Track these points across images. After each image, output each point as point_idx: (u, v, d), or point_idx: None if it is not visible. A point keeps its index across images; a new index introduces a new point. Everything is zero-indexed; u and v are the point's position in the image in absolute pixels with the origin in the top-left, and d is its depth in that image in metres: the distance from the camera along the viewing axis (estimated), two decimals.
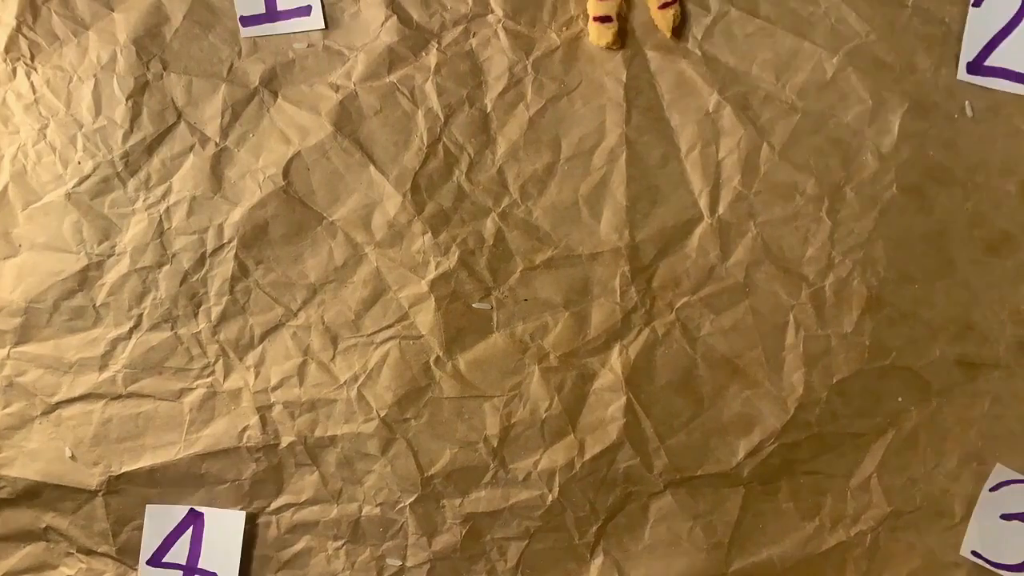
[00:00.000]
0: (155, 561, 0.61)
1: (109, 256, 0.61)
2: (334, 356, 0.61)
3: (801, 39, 0.61)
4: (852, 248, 0.60)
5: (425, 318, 0.61)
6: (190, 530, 0.61)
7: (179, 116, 0.61)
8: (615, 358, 0.61)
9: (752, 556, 0.61)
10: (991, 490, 0.60)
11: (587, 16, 0.61)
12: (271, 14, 0.60)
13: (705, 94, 0.61)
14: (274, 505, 0.61)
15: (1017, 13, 0.59)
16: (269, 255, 0.61)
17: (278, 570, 0.61)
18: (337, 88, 0.61)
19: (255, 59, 0.61)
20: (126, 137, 0.61)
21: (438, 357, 0.61)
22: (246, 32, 0.60)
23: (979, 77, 0.59)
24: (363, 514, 0.61)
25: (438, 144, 0.61)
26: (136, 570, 0.62)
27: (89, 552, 0.62)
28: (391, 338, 0.61)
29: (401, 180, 0.61)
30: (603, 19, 0.59)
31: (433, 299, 0.61)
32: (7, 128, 0.61)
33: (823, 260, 0.60)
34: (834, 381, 0.60)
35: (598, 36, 0.59)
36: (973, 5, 0.59)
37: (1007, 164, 0.60)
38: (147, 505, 0.61)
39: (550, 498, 0.61)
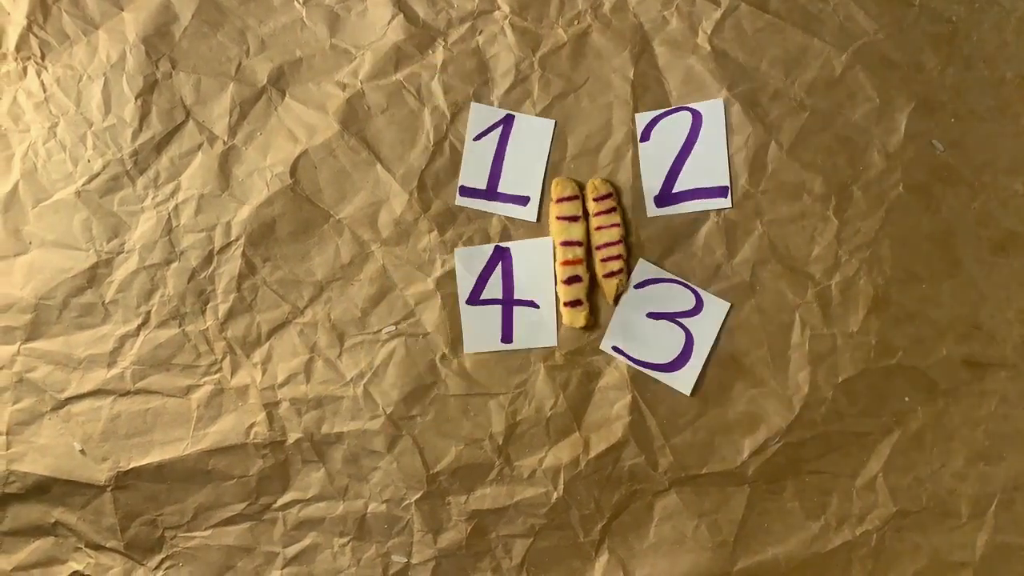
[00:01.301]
0: (473, 299, 0.61)
1: (118, 253, 0.62)
2: (341, 353, 0.62)
3: (810, 36, 0.60)
4: (859, 247, 0.60)
5: (431, 316, 0.61)
6: (499, 266, 0.61)
7: (188, 114, 0.62)
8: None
9: (757, 555, 0.61)
10: (636, 287, 0.61)
11: (595, 12, 0.61)
12: (491, 192, 0.61)
13: (714, 91, 0.61)
14: (280, 501, 0.62)
15: (687, 139, 0.60)
16: (276, 253, 0.62)
17: (284, 566, 0.62)
18: (344, 86, 0.61)
19: (263, 58, 0.62)
20: (135, 135, 0.62)
21: (444, 355, 0.62)
22: (461, 201, 0.61)
23: (669, 207, 0.61)
24: (369, 511, 0.62)
25: (444, 142, 0.61)
26: (144, 565, 0.62)
27: (97, 547, 0.62)
28: (397, 336, 0.62)
29: (407, 178, 0.61)
30: (573, 303, 0.60)
31: (439, 297, 0.61)
32: (18, 126, 0.62)
33: (830, 259, 0.60)
34: (840, 380, 0.60)
35: (571, 319, 0.61)
36: (641, 140, 0.60)
37: (1014, 163, 0.59)
38: (456, 249, 0.61)
39: (555, 496, 0.61)
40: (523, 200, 0.61)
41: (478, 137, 0.61)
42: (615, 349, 0.61)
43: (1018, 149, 0.59)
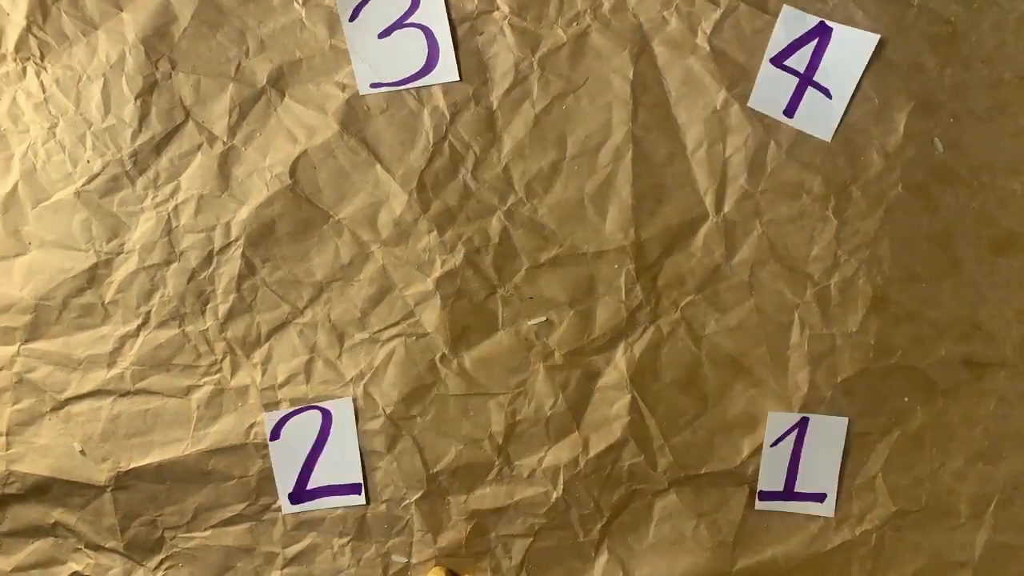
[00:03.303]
0: (778, 61, 0.60)
1: (118, 254, 0.62)
2: (340, 354, 0.62)
3: None
4: (858, 247, 0.60)
5: (431, 316, 0.62)
6: (816, 41, 0.60)
7: (187, 115, 0.62)
8: (620, 356, 0.61)
9: (757, 555, 0.61)
10: (351, 20, 0.61)
11: (594, 12, 0.61)
12: (788, 493, 0.61)
13: (713, 91, 0.61)
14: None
15: (317, 438, 0.61)
16: (276, 253, 0.62)
17: (284, 567, 0.62)
18: (344, 87, 0.61)
19: (262, 58, 0.62)
20: (135, 136, 0.62)
21: (444, 355, 0.62)
22: (760, 505, 0.61)
23: (303, 504, 0.62)
24: (369, 511, 0.62)
25: (444, 142, 0.61)
26: (144, 566, 0.62)
27: (97, 548, 0.62)
28: (397, 336, 0.62)
29: (407, 178, 0.61)
30: None
31: (439, 297, 0.61)
32: (17, 127, 0.62)
33: (829, 259, 0.60)
34: (839, 380, 0.60)
35: None
36: (271, 439, 0.61)
37: (1013, 163, 0.59)
38: (783, 6, 0.60)
39: (555, 495, 0.62)
40: (820, 497, 0.61)
41: (775, 444, 0.61)
42: (374, 86, 0.61)
43: (1017, 149, 0.59)
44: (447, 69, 0.61)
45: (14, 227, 0.62)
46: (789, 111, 0.60)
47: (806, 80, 0.60)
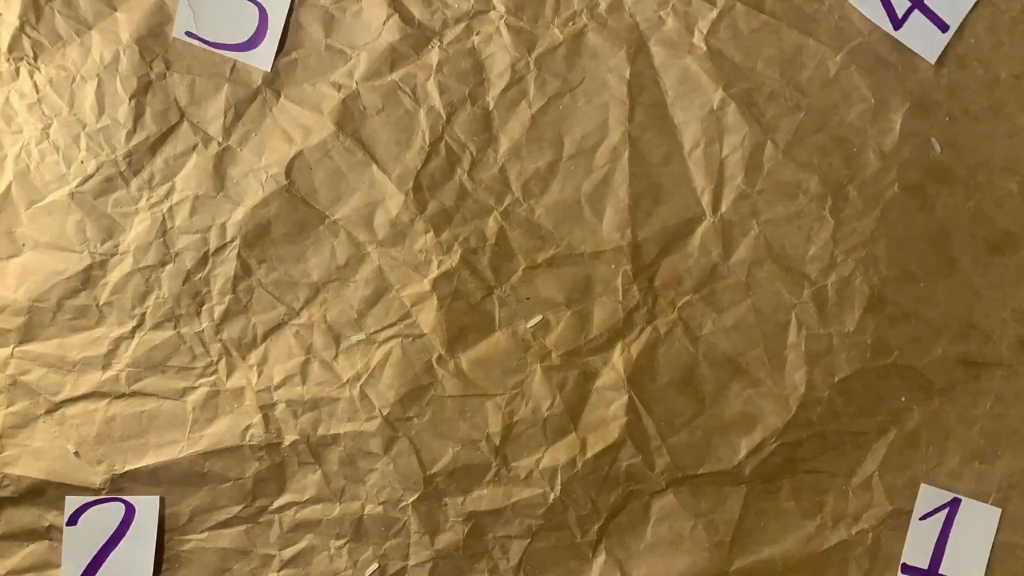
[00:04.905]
0: None
1: (112, 255, 0.61)
2: (336, 355, 0.62)
3: (806, 36, 0.60)
4: (854, 247, 0.60)
5: (427, 317, 0.61)
6: None
7: (182, 115, 0.61)
8: (617, 356, 0.61)
9: (754, 555, 0.61)
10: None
11: (591, 11, 0.61)
12: (932, 573, 0.60)
13: (710, 91, 0.61)
14: (277, 504, 0.62)
15: (113, 535, 0.61)
16: (271, 254, 0.61)
17: (280, 568, 0.62)
18: (339, 87, 0.61)
19: None
20: (129, 137, 0.61)
21: (440, 356, 0.61)
22: None
23: None
24: (365, 513, 0.62)
25: (440, 143, 0.61)
26: None
27: None
28: (393, 337, 0.62)
29: (403, 179, 0.61)
30: None
31: (435, 298, 0.61)
32: (10, 128, 0.61)
33: (825, 259, 0.60)
34: (836, 380, 0.60)
35: None
36: (68, 524, 0.60)
37: (1009, 163, 0.59)
38: None
39: (552, 496, 0.61)
40: None
41: (924, 517, 0.60)
42: (188, 34, 0.61)
43: (1013, 149, 0.59)
44: (263, 56, 0.61)
45: (7, 228, 0.61)
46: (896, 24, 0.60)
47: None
